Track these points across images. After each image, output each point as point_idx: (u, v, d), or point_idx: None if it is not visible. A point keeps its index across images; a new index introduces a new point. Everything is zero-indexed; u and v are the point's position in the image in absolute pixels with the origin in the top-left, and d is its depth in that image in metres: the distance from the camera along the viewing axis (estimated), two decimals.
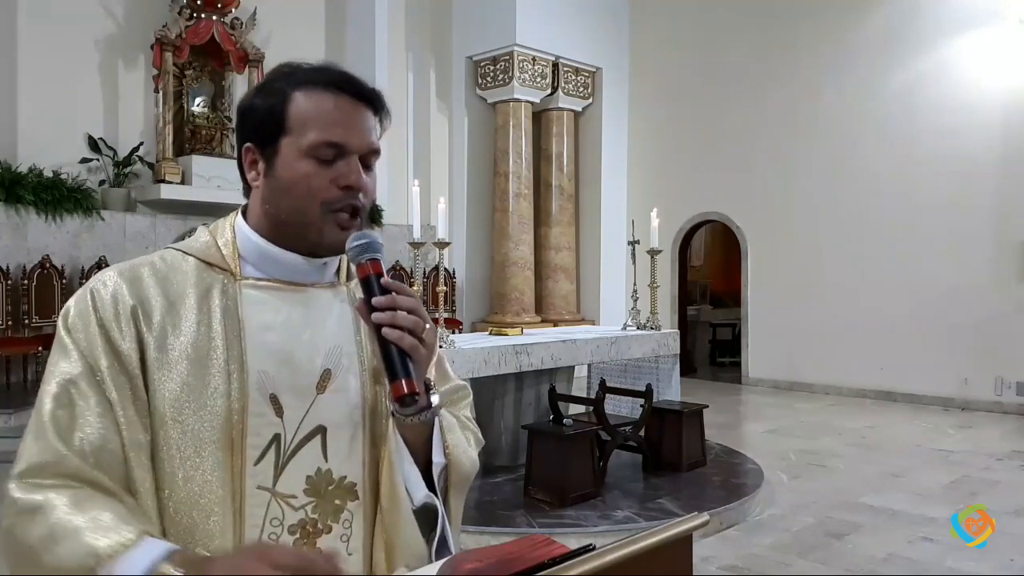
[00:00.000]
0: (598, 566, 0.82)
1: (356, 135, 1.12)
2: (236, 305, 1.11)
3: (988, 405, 7.90)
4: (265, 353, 1.10)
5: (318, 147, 1.09)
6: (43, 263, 6.90)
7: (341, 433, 1.13)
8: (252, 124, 1.14)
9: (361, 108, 1.13)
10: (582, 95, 10.54)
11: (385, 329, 1.04)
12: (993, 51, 7.92)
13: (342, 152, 1.11)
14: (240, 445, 1.05)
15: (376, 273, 1.08)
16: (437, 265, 4.92)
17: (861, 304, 8.74)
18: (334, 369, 1.15)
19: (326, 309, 1.18)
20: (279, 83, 1.13)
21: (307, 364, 1.13)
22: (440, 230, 4.74)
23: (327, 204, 1.10)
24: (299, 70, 1.14)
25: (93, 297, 1.07)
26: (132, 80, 7.88)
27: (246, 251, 1.15)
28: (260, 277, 1.15)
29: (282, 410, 1.09)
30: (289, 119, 1.10)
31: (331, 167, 1.10)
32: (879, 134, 8.66)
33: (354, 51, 9.36)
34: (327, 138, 1.09)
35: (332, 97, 1.11)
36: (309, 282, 1.17)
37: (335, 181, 1.10)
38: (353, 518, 1.13)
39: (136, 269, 1.11)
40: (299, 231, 1.13)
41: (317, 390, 1.13)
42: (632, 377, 5.96)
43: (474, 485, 4.76)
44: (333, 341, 1.16)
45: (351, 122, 1.12)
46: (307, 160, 1.09)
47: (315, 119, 1.10)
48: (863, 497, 4.91)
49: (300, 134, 1.10)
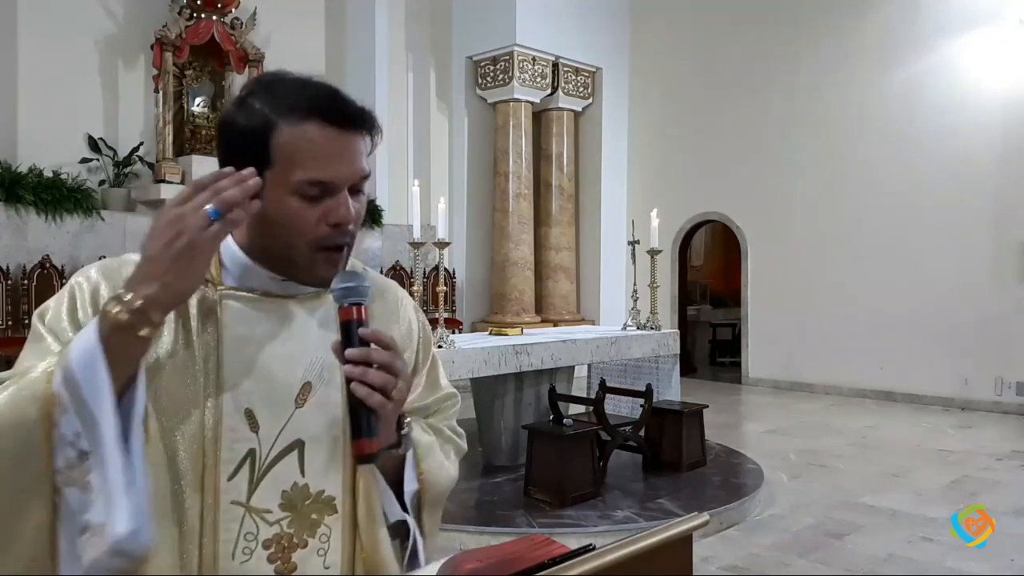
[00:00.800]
0: (598, 566, 0.82)
1: (345, 168, 1.06)
2: (216, 316, 1.09)
3: (988, 405, 7.90)
4: (242, 366, 1.08)
5: (305, 186, 1.04)
6: (43, 263, 6.90)
7: (319, 447, 1.11)
8: (233, 147, 1.07)
9: (350, 136, 1.07)
10: (582, 95, 10.54)
11: (353, 385, 1.01)
12: (993, 51, 7.92)
13: (330, 190, 1.06)
14: (214, 460, 1.04)
15: (357, 320, 1.04)
16: (437, 265, 4.93)
17: (861, 304, 8.74)
18: (315, 382, 1.13)
19: (308, 321, 1.15)
20: (261, 105, 1.06)
21: (286, 377, 1.11)
22: (440, 230, 4.75)
23: (316, 241, 1.07)
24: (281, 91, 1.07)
25: (73, 291, 1.07)
26: (132, 80, 7.88)
27: (229, 262, 1.13)
28: (241, 288, 1.12)
29: (257, 425, 1.08)
30: (273, 151, 1.04)
31: (319, 204, 1.06)
32: (879, 134, 8.66)
33: (354, 51, 9.36)
34: (315, 177, 1.04)
35: (318, 129, 1.04)
36: (291, 294, 1.15)
37: (324, 219, 1.06)
38: (331, 532, 1.11)
39: (118, 266, 1.09)
40: (288, 264, 1.11)
41: (296, 404, 1.11)
42: (632, 377, 5.96)
43: (474, 485, 4.80)
44: (314, 353, 1.13)
45: (340, 155, 1.06)
46: (293, 197, 1.05)
47: (301, 155, 1.04)
48: (863, 497, 4.91)
49: (285, 170, 1.04)
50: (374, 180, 9.12)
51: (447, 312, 7.02)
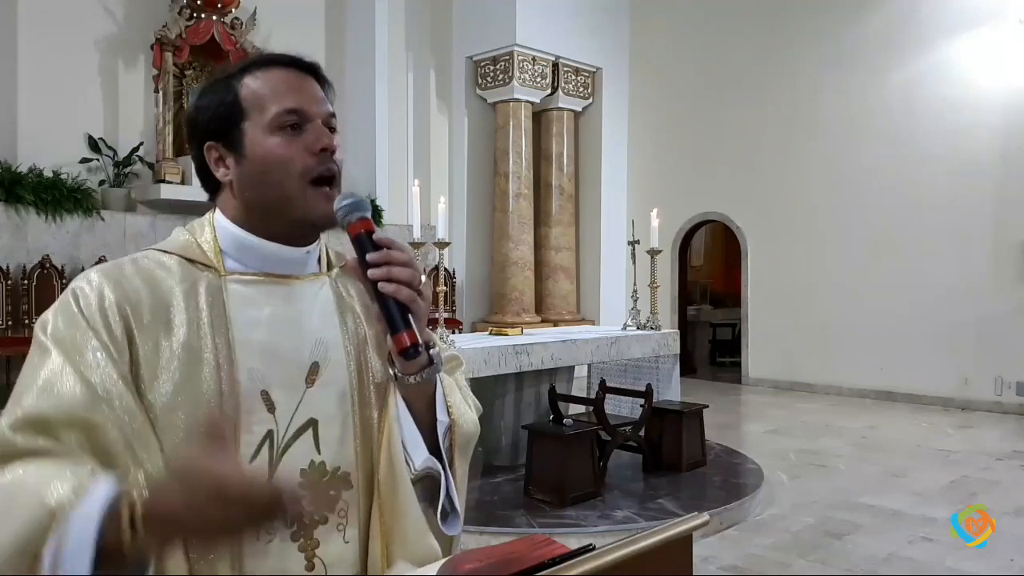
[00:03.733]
0: (598, 566, 0.82)
1: (313, 101, 1.14)
2: (223, 302, 1.11)
3: (988, 405, 7.90)
4: (253, 349, 1.10)
5: (281, 116, 1.11)
6: (43, 263, 6.90)
7: (331, 424, 1.14)
8: (206, 123, 1.14)
9: (308, 79, 1.16)
10: (582, 95, 10.54)
11: (382, 284, 1.06)
12: (993, 51, 7.91)
13: (305, 118, 1.12)
14: (234, 444, 1.05)
15: (367, 231, 1.09)
16: (437, 265, 4.93)
17: (861, 304, 8.74)
18: (321, 362, 1.15)
19: (311, 301, 1.18)
20: (220, 80, 1.16)
21: (295, 358, 1.13)
22: (440, 230, 4.75)
23: (305, 173, 1.11)
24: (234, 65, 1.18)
25: (76, 297, 1.05)
26: (132, 80, 7.87)
27: (227, 245, 1.15)
28: (244, 271, 1.14)
29: (274, 406, 1.09)
30: (243, 102, 1.12)
31: (299, 136, 1.12)
32: (879, 134, 8.66)
33: (354, 51, 9.36)
34: (287, 106, 1.11)
35: (279, 71, 1.14)
36: (293, 274, 1.17)
37: (308, 148, 1.11)
38: (348, 507, 1.14)
39: (119, 268, 1.10)
40: (283, 210, 1.13)
41: (306, 383, 1.13)
42: (632, 377, 5.96)
43: (474, 485, 4.78)
44: (319, 333, 1.16)
45: (304, 89, 1.14)
46: (274, 135, 1.11)
47: (270, 93, 1.12)
48: (863, 497, 4.91)
49: (260, 112, 1.11)
50: (374, 180, 9.13)
51: (447, 312, 7.03)
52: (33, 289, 6.84)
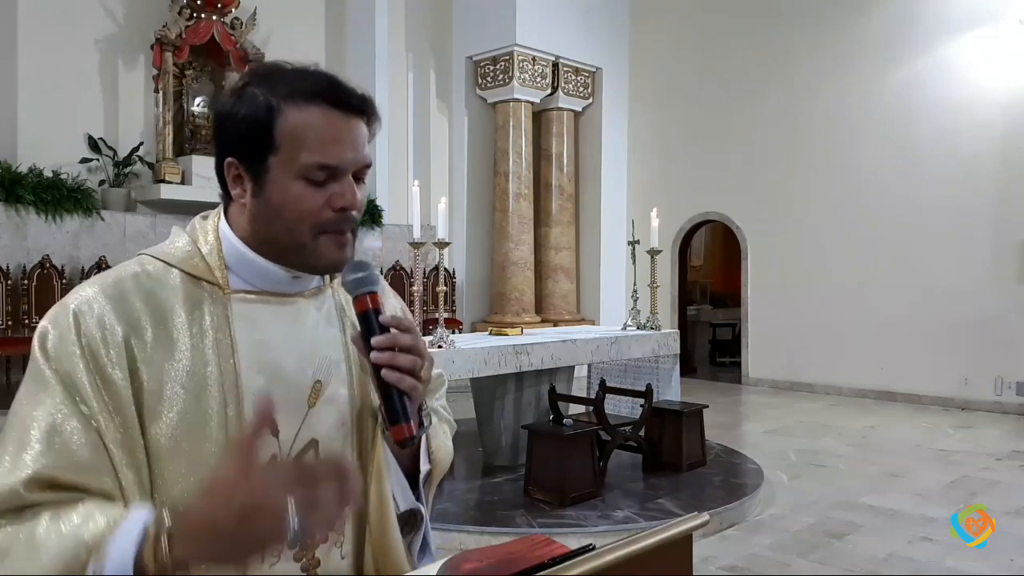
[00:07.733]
0: (598, 566, 0.82)
1: (350, 153, 1.06)
2: (227, 322, 1.08)
3: (988, 405, 7.90)
4: (258, 372, 1.08)
5: (311, 170, 1.04)
6: (43, 263, 6.90)
7: (332, 444, 1.13)
8: (235, 136, 1.06)
9: (353, 121, 1.07)
10: (582, 95, 10.54)
11: (384, 371, 1.02)
12: (993, 51, 7.91)
13: (335, 173, 1.05)
14: None
15: (375, 309, 1.05)
16: (437, 265, 4.92)
17: (861, 304, 8.74)
18: (324, 380, 1.14)
19: (314, 319, 1.16)
20: (261, 92, 1.05)
21: (298, 377, 1.11)
22: (440, 230, 4.74)
23: (320, 227, 1.06)
24: (282, 77, 1.06)
25: (77, 321, 1.00)
26: (132, 80, 7.88)
27: (231, 260, 1.11)
28: (248, 290, 1.11)
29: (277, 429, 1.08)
30: (277, 136, 1.03)
31: (324, 188, 1.05)
32: (879, 134, 8.66)
33: (354, 51, 9.36)
34: (321, 160, 1.04)
35: (322, 113, 1.04)
36: (296, 291, 1.15)
37: (329, 203, 1.06)
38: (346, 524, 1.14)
39: (120, 284, 1.05)
40: (293, 253, 1.09)
41: (308, 404, 1.12)
42: (632, 377, 5.96)
43: (474, 485, 4.80)
44: (322, 351, 1.15)
45: (344, 139, 1.05)
46: (298, 181, 1.04)
47: (306, 138, 1.03)
48: (863, 497, 4.91)
49: (291, 154, 1.04)
50: (374, 180, 9.12)
51: (447, 312, 7.02)
52: (33, 289, 6.84)
